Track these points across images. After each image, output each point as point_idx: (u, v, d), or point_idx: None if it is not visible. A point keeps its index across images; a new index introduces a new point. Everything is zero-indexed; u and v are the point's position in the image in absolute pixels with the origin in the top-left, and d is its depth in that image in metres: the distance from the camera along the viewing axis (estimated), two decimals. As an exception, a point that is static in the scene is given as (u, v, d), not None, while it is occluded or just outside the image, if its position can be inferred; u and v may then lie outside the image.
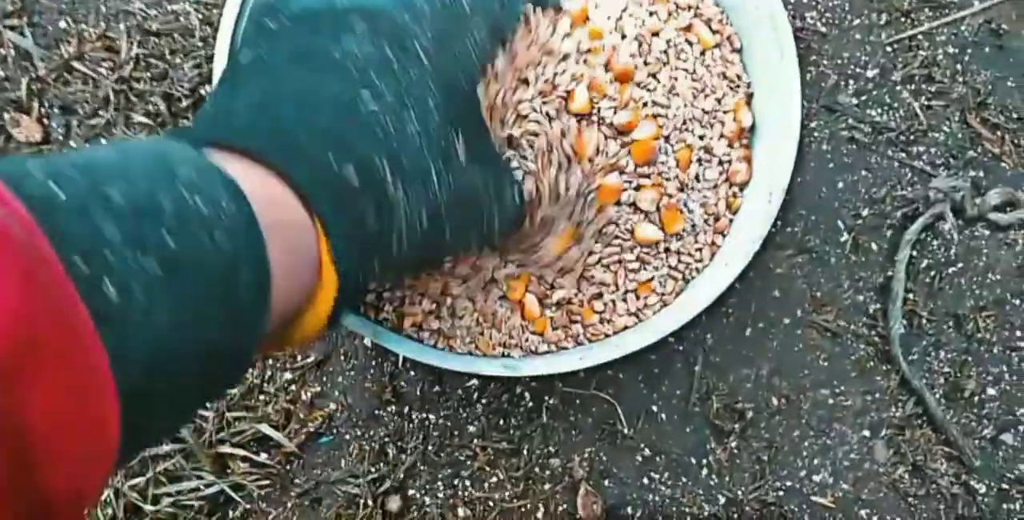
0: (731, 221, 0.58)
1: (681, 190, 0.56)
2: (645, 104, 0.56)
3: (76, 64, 0.62)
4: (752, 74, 0.60)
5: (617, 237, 0.55)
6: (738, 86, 0.59)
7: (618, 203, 0.55)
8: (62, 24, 0.63)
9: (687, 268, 0.57)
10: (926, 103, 0.67)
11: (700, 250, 0.57)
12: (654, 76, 0.56)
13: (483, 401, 0.61)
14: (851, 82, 0.67)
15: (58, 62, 0.61)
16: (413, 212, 0.36)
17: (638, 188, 0.55)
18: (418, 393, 0.61)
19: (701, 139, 0.57)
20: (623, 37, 0.56)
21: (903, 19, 0.67)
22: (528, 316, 0.56)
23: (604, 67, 0.55)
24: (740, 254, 0.55)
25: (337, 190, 0.33)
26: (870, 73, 0.67)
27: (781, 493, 0.61)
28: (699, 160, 0.57)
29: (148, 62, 0.62)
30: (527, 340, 0.56)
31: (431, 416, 0.60)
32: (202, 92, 0.61)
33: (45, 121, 0.61)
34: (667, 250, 0.57)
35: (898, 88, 0.67)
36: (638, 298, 0.57)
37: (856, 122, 0.66)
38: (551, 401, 0.61)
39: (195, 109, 0.61)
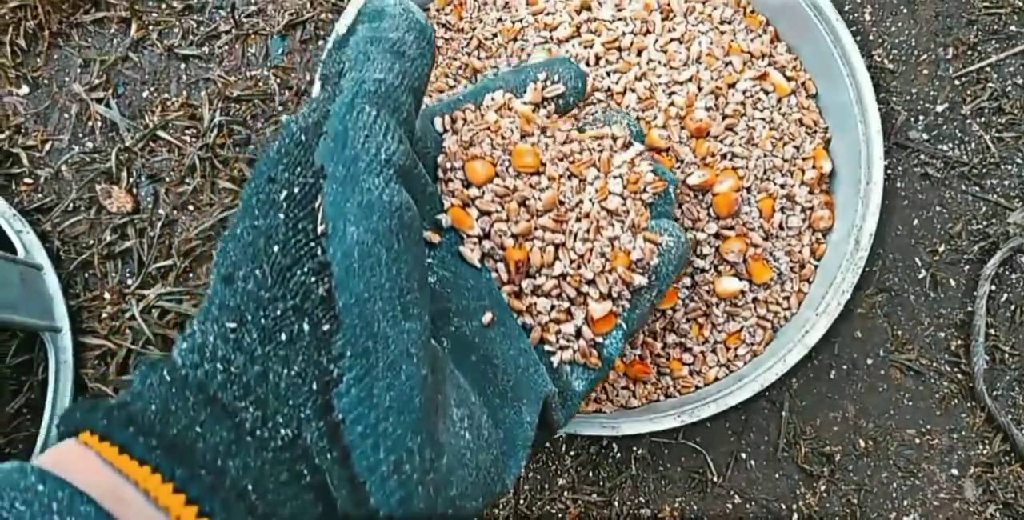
0: (816, 268, 0.56)
1: (766, 239, 0.55)
2: (724, 156, 0.54)
3: (161, 133, 0.61)
4: (828, 119, 0.58)
5: (699, 291, 0.54)
6: (815, 132, 0.57)
7: (702, 256, 0.54)
8: (145, 94, 0.62)
9: (776, 317, 0.55)
10: (997, 135, 0.65)
11: (788, 299, 0.56)
12: (731, 129, 0.55)
13: (572, 453, 0.59)
14: (921, 118, 0.65)
15: (144, 132, 0.61)
16: None
17: (724, 240, 0.53)
18: (508, 446, 0.59)
19: (782, 187, 0.55)
20: (699, 89, 0.55)
21: (970, 52, 0.65)
22: (618, 368, 0.54)
23: (679, 125, 0.54)
24: (832, 302, 0.53)
25: None
26: (939, 108, 0.65)
27: (873, 536, 0.59)
28: (782, 209, 0.55)
29: (230, 129, 0.61)
30: (618, 395, 0.54)
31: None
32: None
33: (134, 190, 0.61)
34: (755, 300, 0.55)
35: (968, 121, 0.65)
36: (728, 349, 0.55)
37: (928, 158, 0.64)
38: (640, 451, 0.59)
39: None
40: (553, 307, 0.37)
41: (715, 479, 0.59)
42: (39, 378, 0.57)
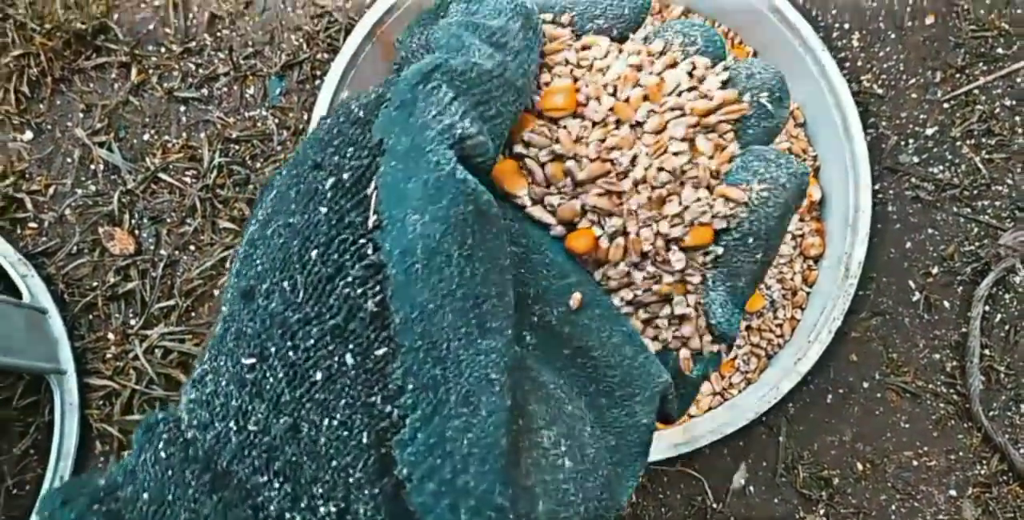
0: (808, 295, 0.56)
1: (757, 269, 0.55)
2: (713, 185, 0.54)
3: (162, 175, 0.62)
4: (817, 147, 0.58)
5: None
6: (804, 160, 0.57)
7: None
8: (146, 137, 0.63)
9: (769, 344, 0.55)
10: (987, 156, 0.65)
11: (780, 326, 0.56)
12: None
13: (573, 482, 0.59)
14: (911, 141, 0.65)
15: (145, 174, 0.61)
16: None
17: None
18: (509, 476, 0.59)
19: (772, 216, 0.55)
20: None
21: (958, 75, 0.65)
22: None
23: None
24: (824, 329, 0.53)
25: None
26: (929, 131, 0.65)
27: (874, 559, 0.58)
28: (772, 238, 0.55)
29: (230, 169, 0.61)
30: (615, 424, 0.54)
31: (523, 499, 0.59)
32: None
33: (136, 232, 0.61)
34: (748, 328, 0.55)
35: (958, 144, 0.65)
36: (722, 378, 0.55)
37: (919, 181, 0.64)
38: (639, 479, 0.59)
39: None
40: (636, 306, 0.28)
41: (715, 505, 0.59)
42: (45, 419, 0.57)
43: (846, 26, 0.65)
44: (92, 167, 0.62)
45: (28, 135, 0.63)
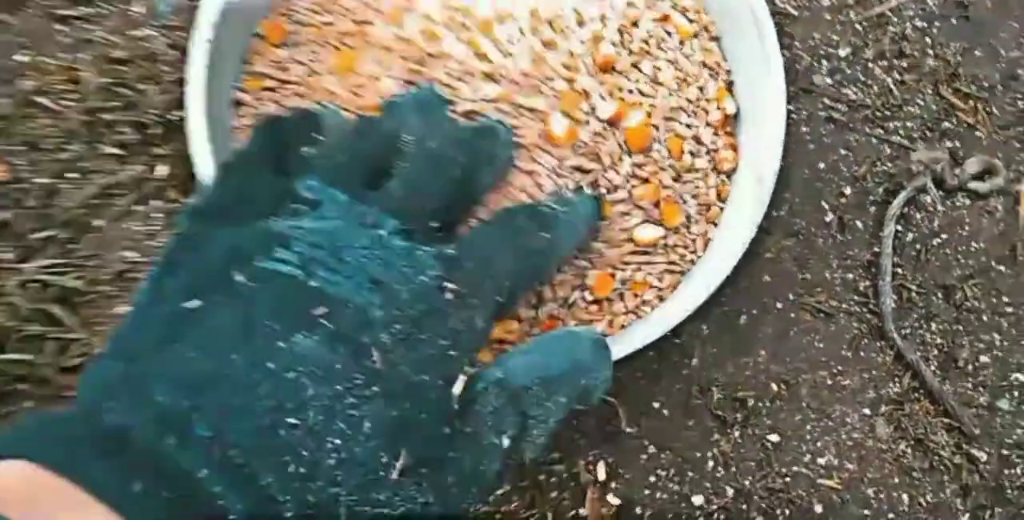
0: (721, 210, 0.53)
1: (676, 180, 0.51)
2: (631, 92, 0.50)
3: (39, 98, 0.55)
4: (732, 61, 0.54)
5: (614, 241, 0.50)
6: (718, 74, 0.54)
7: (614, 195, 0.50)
8: (19, 57, 0.56)
9: (683, 260, 0.52)
10: (899, 78, 0.62)
11: (694, 241, 0.52)
12: (636, 66, 0.51)
13: (486, 410, 0.55)
14: (824, 62, 0.62)
15: (19, 97, 0.55)
16: None
17: (634, 185, 0.49)
18: (420, 406, 0.55)
19: (689, 128, 0.52)
20: (604, 26, 0.51)
21: (870, -4, 0.62)
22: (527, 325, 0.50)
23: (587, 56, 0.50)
24: (737, 242, 0.49)
25: None
26: (842, 52, 0.62)
27: (788, 479, 0.56)
28: (690, 151, 0.52)
29: (115, 92, 0.55)
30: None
31: (435, 429, 0.55)
32: (171, 117, 0.54)
33: (10, 159, 0.54)
34: (665, 245, 0.51)
35: (871, 65, 0.62)
36: (636, 296, 0.51)
37: (832, 102, 0.61)
38: (554, 405, 0.55)
39: (166, 136, 0.55)
40: None
41: (629, 430, 0.55)
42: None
43: (759, -55, 0.61)
44: (-41, 89, 0.55)
45: None
